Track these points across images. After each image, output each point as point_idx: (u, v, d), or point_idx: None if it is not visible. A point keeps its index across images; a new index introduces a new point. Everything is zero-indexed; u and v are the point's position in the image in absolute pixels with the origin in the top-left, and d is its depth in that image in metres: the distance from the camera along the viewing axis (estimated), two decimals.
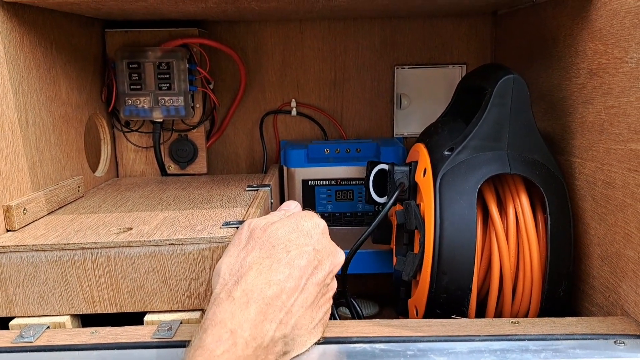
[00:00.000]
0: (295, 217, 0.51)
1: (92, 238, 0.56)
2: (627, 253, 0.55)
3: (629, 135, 0.54)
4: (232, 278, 0.45)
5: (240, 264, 0.46)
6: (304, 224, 0.50)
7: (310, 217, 0.51)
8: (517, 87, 0.63)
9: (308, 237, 0.49)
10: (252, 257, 0.46)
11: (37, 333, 0.52)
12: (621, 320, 0.53)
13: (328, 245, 0.50)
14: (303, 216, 0.51)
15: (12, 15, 0.62)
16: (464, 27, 0.98)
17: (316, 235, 0.49)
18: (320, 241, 0.49)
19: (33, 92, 0.66)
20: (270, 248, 0.47)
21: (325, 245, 0.50)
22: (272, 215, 0.54)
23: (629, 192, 0.54)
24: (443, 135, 0.68)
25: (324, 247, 0.49)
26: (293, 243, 0.48)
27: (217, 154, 1.02)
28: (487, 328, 0.52)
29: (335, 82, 1.01)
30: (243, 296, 0.43)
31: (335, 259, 0.50)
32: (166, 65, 0.86)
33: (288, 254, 0.47)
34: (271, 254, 0.47)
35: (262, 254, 0.47)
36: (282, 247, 0.47)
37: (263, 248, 0.47)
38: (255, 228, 0.50)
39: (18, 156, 0.62)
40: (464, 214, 0.60)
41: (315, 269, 0.47)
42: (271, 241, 0.48)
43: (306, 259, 0.47)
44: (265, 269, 0.45)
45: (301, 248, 0.47)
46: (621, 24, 0.55)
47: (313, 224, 0.50)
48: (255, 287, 0.43)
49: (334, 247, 0.51)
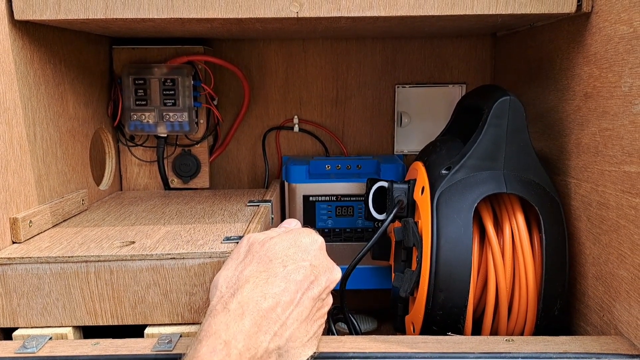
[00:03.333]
0: (293, 233, 0.52)
1: (95, 251, 0.57)
2: (620, 273, 0.56)
3: (622, 158, 0.55)
4: (229, 290, 0.46)
5: (237, 277, 0.47)
6: (302, 240, 0.51)
7: (308, 233, 0.52)
8: (513, 108, 0.64)
9: (305, 253, 0.50)
10: (249, 271, 0.48)
11: (40, 344, 0.53)
12: (614, 340, 0.54)
13: (325, 262, 0.51)
14: (301, 232, 0.52)
15: (23, 33, 0.64)
16: (464, 48, 0.99)
17: (313, 251, 0.51)
18: (318, 257, 0.50)
19: (41, 108, 0.68)
20: (268, 262, 0.48)
21: (322, 261, 0.51)
22: (272, 231, 0.55)
23: (623, 213, 0.55)
24: (441, 154, 0.70)
25: (321, 263, 0.50)
26: (290, 258, 0.49)
27: (220, 169, 1.04)
28: (481, 345, 0.53)
29: (337, 100, 1.02)
30: (238, 308, 0.44)
31: (331, 275, 0.51)
32: (171, 82, 0.88)
33: (285, 268, 0.48)
34: (268, 267, 0.48)
35: (259, 268, 0.48)
36: (279, 261, 0.48)
37: (260, 262, 0.48)
38: (254, 242, 0.51)
39: (25, 170, 0.64)
40: (460, 233, 0.61)
41: (312, 284, 0.48)
42: (269, 255, 0.49)
43: (303, 273, 0.48)
44: (261, 282, 0.46)
45: (298, 263, 0.48)
46: (615, 49, 0.57)
47: (311, 240, 0.51)
48: (251, 299, 0.44)
49: (331, 263, 0.52)
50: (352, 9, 0.59)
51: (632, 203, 0.53)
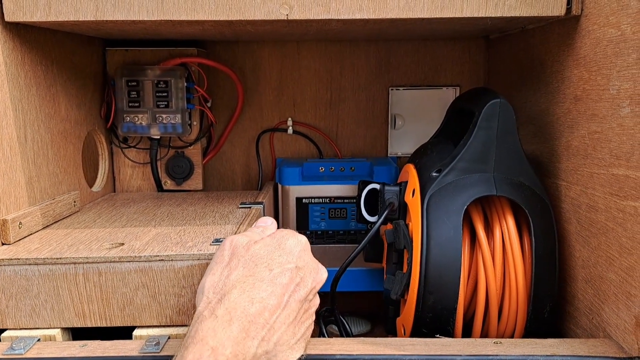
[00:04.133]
0: (277, 235, 0.52)
1: (84, 253, 0.57)
2: (609, 276, 0.56)
3: (610, 160, 0.55)
4: (216, 296, 0.46)
5: (223, 282, 0.47)
6: (286, 242, 0.51)
7: (291, 235, 0.52)
8: (503, 110, 0.64)
9: (290, 255, 0.50)
10: (235, 275, 0.48)
11: (28, 345, 0.53)
12: (602, 343, 0.54)
13: (310, 263, 0.51)
14: (285, 235, 0.52)
15: (14, 35, 0.64)
16: (457, 50, 1.00)
17: (298, 252, 0.51)
18: (302, 258, 0.51)
19: (32, 109, 0.68)
20: (253, 267, 0.48)
21: (307, 262, 0.51)
22: (252, 232, 0.55)
23: (611, 216, 0.55)
24: (432, 157, 0.70)
25: (306, 264, 0.50)
26: (275, 261, 0.49)
27: (214, 171, 1.04)
28: (469, 348, 0.53)
29: (331, 102, 1.02)
30: (226, 314, 0.44)
31: (317, 276, 0.51)
32: (164, 84, 0.88)
33: (270, 272, 0.48)
34: (254, 272, 0.48)
35: (245, 272, 0.48)
36: (264, 265, 0.48)
37: (246, 266, 0.48)
38: (237, 246, 0.51)
39: (16, 171, 0.64)
40: (450, 235, 0.61)
41: (297, 286, 0.48)
42: (254, 260, 0.49)
43: (288, 276, 0.48)
44: (248, 287, 0.46)
45: (283, 266, 0.49)
46: (604, 52, 0.57)
47: (295, 241, 0.51)
48: (238, 305, 0.44)
49: (316, 264, 0.52)
50: (341, 11, 0.59)
51: (620, 206, 0.53)
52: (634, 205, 0.51)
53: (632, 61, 0.51)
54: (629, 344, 0.52)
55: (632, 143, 0.51)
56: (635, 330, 0.51)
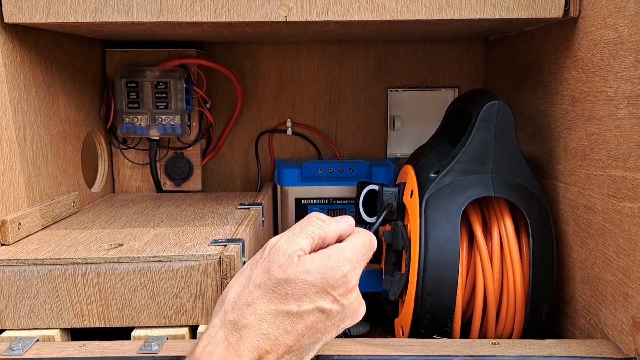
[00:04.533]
0: (331, 257, 0.43)
1: (83, 253, 0.57)
2: (606, 277, 0.56)
3: (608, 162, 0.55)
4: (234, 314, 0.42)
5: (246, 299, 0.42)
6: (335, 273, 0.42)
7: (348, 262, 0.43)
8: (501, 112, 0.65)
9: (333, 292, 0.42)
10: (259, 297, 0.42)
11: (27, 346, 0.53)
12: (600, 344, 0.54)
13: (350, 305, 0.44)
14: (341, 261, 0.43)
15: (13, 36, 0.64)
16: (456, 52, 1.00)
17: (344, 289, 0.43)
18: (347, 298, 0.43)
19: (32, 110, 0.68)
20: (282, 297, 0.42)
21: (347, 305, 0.44)
22: (306, 231, 0.45)
23: (608, 217, 0.55)
24: (430, 158, 0.70)
25: (345, 308, 0.43)
26: (310, 296, 0.42)
27: (213, 172, 1.04)
28: (467, 349, 0.53)
29: (331, 103, 1.03)
30: (239, 342, 0.41)
31: (351, 321, 0.45)
32: (164, 85, 0.89)
33: (299, 307, 0.42)
34: (280, 303, 0.41)
35: (270, 299, 0.42)
36: (294, 298, 0.42)
37: (274, 293, 0.42)
38: (275, 258, 0.43)
39: (15, 172, 0.64)
40: (448, 236, 0.62)
41: (324, 331, 0.43)
42: (285, 288, 0.42)
43: (316, 318, 0.42)
44: (268, 319, 0.41)
45: (316, 303, 0.42)
46: (601, 54, 0.57)
47: (348, 271, 0.43)
48: (252, 337, 0.41)
49: (358, 304, 0.45)
50: (340, 13, 0.60)
51: (617, 207, 0.53)
52: (631, 206, 0.51)
53: (629, 63, 0.51)
54: (626, 344, 0.52)
55: (629, 144, 0.51)
56: (632, 331, 0.51)
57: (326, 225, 0.46)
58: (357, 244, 0.46)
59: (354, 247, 0.45)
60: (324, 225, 0.46)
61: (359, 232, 0.47)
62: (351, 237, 0.47)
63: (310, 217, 0.46)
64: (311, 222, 0.45)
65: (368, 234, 0.48)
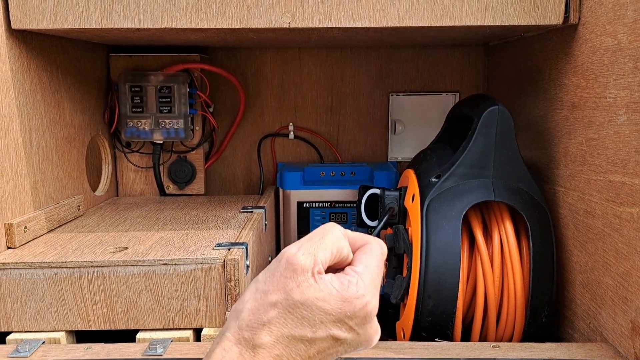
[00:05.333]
0: (346, 290, 0.41)
1: (88, 257, 0.58)
2: (606, 281, 0.56)
3: (607, 167, 0.56)
4: (248, 332, 0.41)
5: (261, 317, 0.41)
6: (348, 308, 0.41)
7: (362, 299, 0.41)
8: (502, 117, 0.65)
9: (350, 322, 0.41)
10: (274, 318, 0.41)
11: (33, 348, 0.54)
12: (599, 347, 0.55)
13: (365, 334, 0.42)
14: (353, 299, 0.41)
15: (20, 41, 0.65)
16: (457, 57, 1.01)
17: (361, 317, 0.41)
18: (363, 327, 0.42)
19: (37, 115, 0.69)
20: (298, 321, 0.40)
21: (362, 334, 0.42)
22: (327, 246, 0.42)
23: (608, 221, 0.56)
24: (431, 162, 0.70)
25: (359, 337, 0.42)
26: (326, 324, 0.40)
27: (216, 175, 1.05)
28: (468, 351, 0.53)
29: (332, 108, 1.03)
30: None
31: (366, 345, 0.43)
32: (167, 89, 0.89)
33: (313, 333, 0.40)
34: (294, 326, 0.40)
35: (285, 321, 0.40)
36: (309, 324, 0.40)
37: (289, 316, 0.41)
38: (290, 278, 0.41)
39: (21, 176, 0.65)
40: (448, 240, 0.62)
41: (335, 355, 0.42)
42: (301, 312, 0.40)
43: (329, 344, 0.41)
44: (282, 342, 0.40)
45: (331, 331, 0.40)
46: (600, 60, 0.58)
47: (362, 311, 0.41)
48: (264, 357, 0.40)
49: (373, 332, 0.43)
50: (343, 19, 0.60)
51: (617, 212, 0.54)
52: (630, 211, 0.51)
53: (628, 70, 0.52)
54: (625, 348, 0.52)
55: (628, 150, 0.52)
56: (632, 335, 0.51)
57: (344, 239, 0.44)
58: (373, 265, 0.44)
59: (372, 269, 0.43)
60: (342, 237, 0.44)
61: (371, 248, 0.45)
62: (365, 256, 0.44)
63: (329, 228, 0.44)
64: (332, 231, 0.43)
65: (379, 245, 0.45)
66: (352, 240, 0.45)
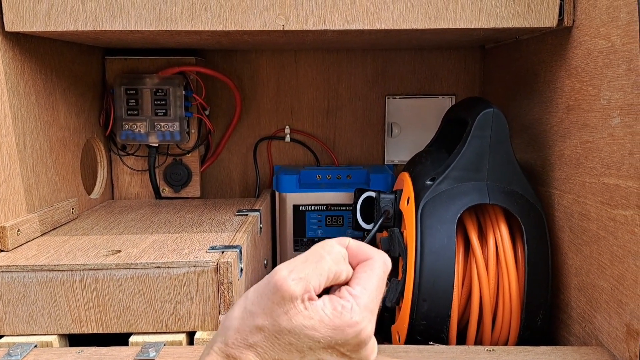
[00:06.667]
0: (339, 318, 0.38)
1: (81, 260, 0.58)
2: (601, 284, 0.56)
3: (602, 170, 0.56)
4: (236, 350, 0.39)
5: (246, 337, 0.39)
6: (341, 337, 0.38)
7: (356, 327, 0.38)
8: (496, 120, 0.65)
9: (336, 352, 0.39)
10: (260, 341, 0.39)
11: (25, 352, 0.54)
12: (595, 351, 0.55)
13: (359, 357, 0.40)
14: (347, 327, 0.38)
15: (14, 44, 0.65)
16: (453, 60, 1.01)
17: (349, 350, 0.39)
18: (350, 356, 0.39)
19: (32, 117, 0.69)
20: (285, 347, 0.38)
21: (357, 358, 0.40)
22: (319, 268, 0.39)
23: (602, 224, 0.56)
24: (426, 165, 0.70)
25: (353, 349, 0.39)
26: (313, 352, 0.38)
27: (212, 178, 1.04)
28: (462, 355, 0.53)
29: (329, 110, 1.03)
30: None
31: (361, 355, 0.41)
32: (163, 92, 0.89)
33: (302, 358, 0.38)
34: (280, 353, 0.39)
35: (271, 352, 0.38)
36: (296, 349, 0.38)
37: (275, 342, 0.38)
38: (278, 304, 0.38)
39: (14, 179, 0.65)
40: (443, 243, 0.62)
41: None
42: (289, 338, 0.38)
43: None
44: None
45: (319, 355, 0.39)
46: (595, 63, 0.58)
47: (354, 340, 0.38)
48: None
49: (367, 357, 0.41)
50: (337, 22, 0.60)
51: (611, 215, 0.54)
52: (624, 214, 0.51)
53: (622, 72, 0.52)
54: (620, 351, 0.52)
55: (622, 153, 0.52)
56: (627, 338, 0.51)
57: (344, 262, 0.41)
58: (373, 286, 0.40)
59: (370, 291, 0.40)
60: (341, 260, 0.40)
61: (373, 266, 0.41)
62: (365, 275, 0.41)
63: (329, 249, 0.41)
64: (331, 253, 0.40)
65: (382, 262, 0.41)
66: (354, 252, 0.42)
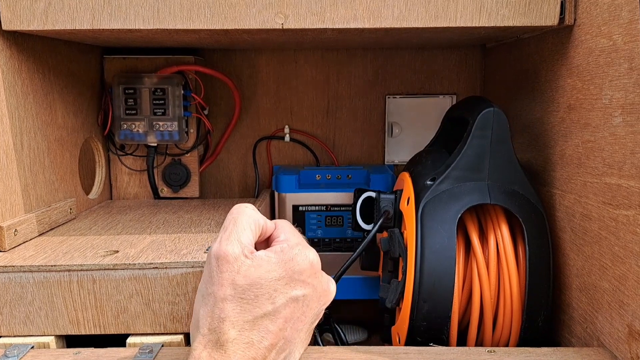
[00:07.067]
0: (285, 251, 0.44)
1: (78, 260, 0.57)
2: (602, 285, 0.56)
3: (603, 169, 0.55)
4: (213, 335, 0.42)
5: (218, 317, 0.42)
6: (293, 264, 0.43)
7: (300, 252, 0.44)
8: (497, 119, 0.65)
9: (297, 280, 0.43)
10: (231, 311, 0.42)
11: (22, 353, 0.53)
12: (596, 352, 0.54)
13: (319, 285, 0.45)
14: (293, 253, 0.44)
15: (11, 43, 0.64)
16: (454, 59, 1.00)
17: (307, 274, 0.44)
18: (311, 282, 0.44)
19: (29, 117, 0.68)
20: (253, 300, 0.42)
21: (316, 286, 0.45)
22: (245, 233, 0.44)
23: (604, 225, 0.55)
24: (427, 165, 0.70)
25: (314, 288, 0.45)
26: (280, 291, 0.42)
27: (211, 178, 1.04)
28: (462, 356, 0.53)
29: (328, 110, 1.03)
30: (225, 357, 0.41)
31: (325, 297, 0.46)
32: (161, 91, 0.89)
33: (273, 305, 0.42)
34: (253, 307, 0.42)
35: (243, 308, 0.42)
36: (266, 297, 0.42)
37: (244, 299, 0.42)
38: (227, 266, 0.42)
39: (12, 179, 0.64)
40: (444, 243, 0.62)
41: (302, 315, 0.44)
42: (254, 290, 0.42)
43: (292, 307, 0.43)
44: (247, 327, 0.42)
45: (288, 294, 0.43)
46: (596, 61, 0.57)
47: (304, 260, 0.44)
48: (237, 350, 0.41)
49: (326, 283, 0.46)
50: (336, 20, 0.60)
51: (613, 215, 0.53)
52: (627, 214, 0.51)
53: (623, 71, 0.52)
54: (622, 353, 0.52)
55: (624, 152, 0.51)
56: (629, 339, 0.51)
57: (256, 211, 0.47)
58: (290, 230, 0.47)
59: (292, 232, 0.47)
60: (254, 211, 0.46)
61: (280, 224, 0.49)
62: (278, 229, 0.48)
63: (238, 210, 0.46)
64: (243, 212, 0.45)
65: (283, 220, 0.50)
66: (264, 230, 0.48)
